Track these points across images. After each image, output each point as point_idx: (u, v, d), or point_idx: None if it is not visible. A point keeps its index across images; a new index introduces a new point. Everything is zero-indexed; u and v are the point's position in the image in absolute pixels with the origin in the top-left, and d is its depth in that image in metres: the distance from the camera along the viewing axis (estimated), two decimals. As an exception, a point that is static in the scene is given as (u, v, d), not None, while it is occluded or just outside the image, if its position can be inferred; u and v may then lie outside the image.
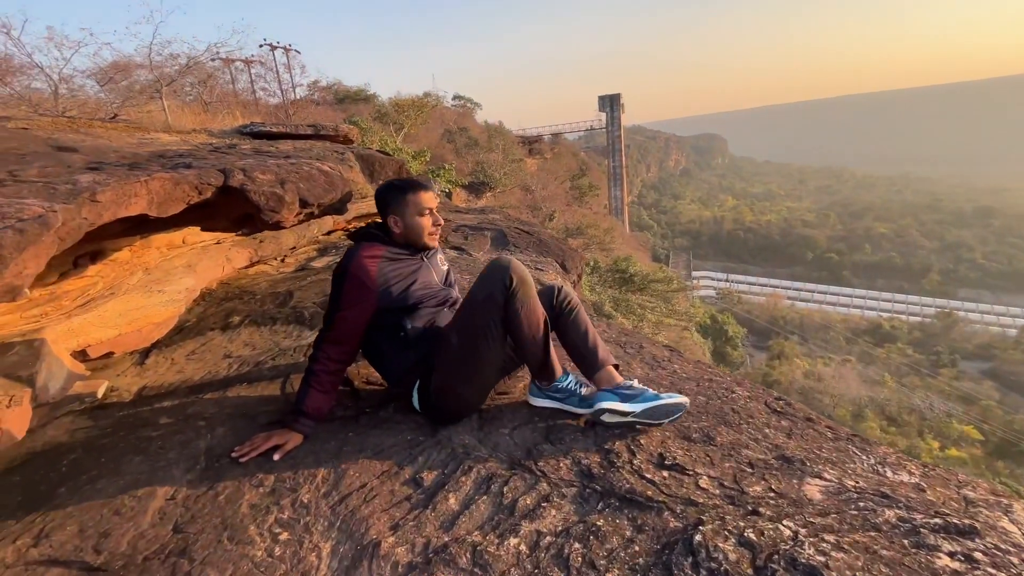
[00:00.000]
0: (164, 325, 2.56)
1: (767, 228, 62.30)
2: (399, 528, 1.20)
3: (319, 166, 2.01)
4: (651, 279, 16.44)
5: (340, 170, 2.12)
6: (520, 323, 1.55)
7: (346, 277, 1.62)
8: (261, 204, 1.68)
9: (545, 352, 1.61)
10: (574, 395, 1.67)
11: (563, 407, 1.68)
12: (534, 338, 1.58)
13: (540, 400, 1.72)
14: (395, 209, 1.70)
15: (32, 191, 1.07)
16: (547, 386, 1.68)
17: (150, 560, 1.14)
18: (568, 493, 1.28)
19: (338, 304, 1.64)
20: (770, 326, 38.65)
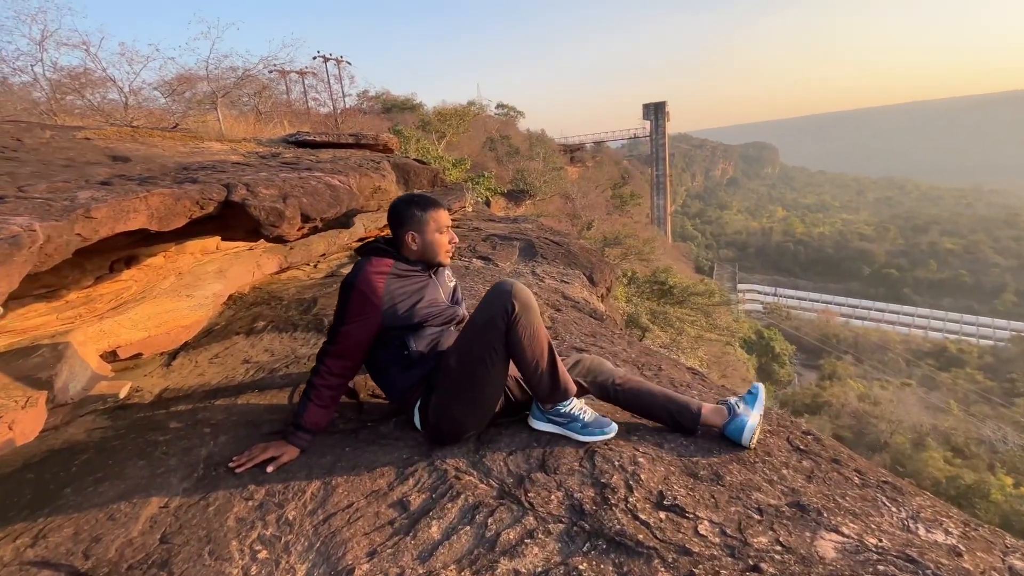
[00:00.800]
0: (191, 328, 2.66)
1: (820, 241, 59.22)
2: (376, 555, 1.17)
3: (328, 180, 2.04)
4: (691, 292, 15.91)
5: (350, 184, 2.14)
6: (523, 349, 1.50)
7: (352, 292, 1.61)
8: (261, 219, 1.72)
9: (552, 377, 1.55)
10: (576, 420, 1.60)
11: (564, 432, 1.61)
12: (538, 364, 1.53)
13: (541, 423, 1.66)
14: (414, 225, 1.69)
15: (29, 208, 1.12)
16: (549, 408, 1.62)
17: (133, 570, 1.15)
18: (555, 530, 1.21)
19: (343, 318, 1.63)
20: (821, 344, 36.59)
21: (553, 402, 1.60)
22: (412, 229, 1.69)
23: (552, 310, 3.39)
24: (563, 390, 1.58)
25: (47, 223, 1.11)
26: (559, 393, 1.57)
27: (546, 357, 1.54)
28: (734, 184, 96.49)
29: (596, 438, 1.58)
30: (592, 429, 1.59)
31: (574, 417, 1.60)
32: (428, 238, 1.70)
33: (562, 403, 1.60)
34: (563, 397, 1.58)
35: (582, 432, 1.58)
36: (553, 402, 1.60)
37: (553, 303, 3.58)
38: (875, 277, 51.40)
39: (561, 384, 1.57)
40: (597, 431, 1.58)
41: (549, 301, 3.62)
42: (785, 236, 61.81)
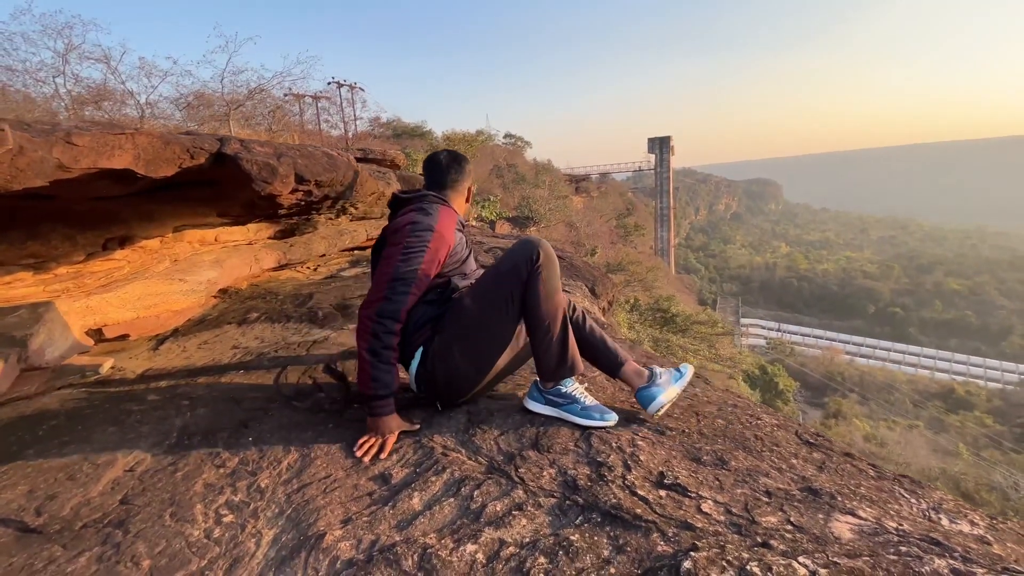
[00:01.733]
0: (182, 314, 2.60)
1: (823, 277, 59.10)
2: (350, 522, 1.07)
3: (325, 150, 2.02)
4: (694, 320, 15.78)
5: (349, 158, 2.12)
6: (539, 302, 1.44)
7: (433, 234, 1.45)
8: (253, 173, 1.68)
9: (562, 346, 1.49)
10: (576, 402, 1.52)
11: (562, 415, 1.52)
12: (550, 326, 1.46)
13: (538, 405, 1.57)
14: (467, 179, 1.69)
15: (13, 125, 1.08)
16: (550, 387, 1.53)
17: (87, 528, 1.06)
18: (545, 503, 1.12)
19: (420, 260, 1.43)
20: (826, 381, 36.01)
21: (556, 379, 1.52)
22: (468, 182, 1.69)
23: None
24: (570, 364, 1.51)
25: (20, 132, 1.07)
26: (565, 367, 1.50)
27: (559, 322, 1.48)
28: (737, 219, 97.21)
29: (595, 423, 1.49)
30: (591, 413, 1.50)
31: (574, 399, 1.52)
32: (469, 199, 1.72)
33: (564, 382, 1.52)
34: (569, 372, 1.51)
35: (581, 415, 1.50)
36: (556, 379, 1.52)
37: (553, 308, 3.51)
38: (880, 315, 51.01)
39: (569, 357, 1.51)
40: (596, 416, 1.50)
41: (549, 307, 3.55)
42: (789, 272, 61.77)
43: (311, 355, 2.19)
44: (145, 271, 2.48)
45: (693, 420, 1.65)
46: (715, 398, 1.97)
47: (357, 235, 4.66)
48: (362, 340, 1.41)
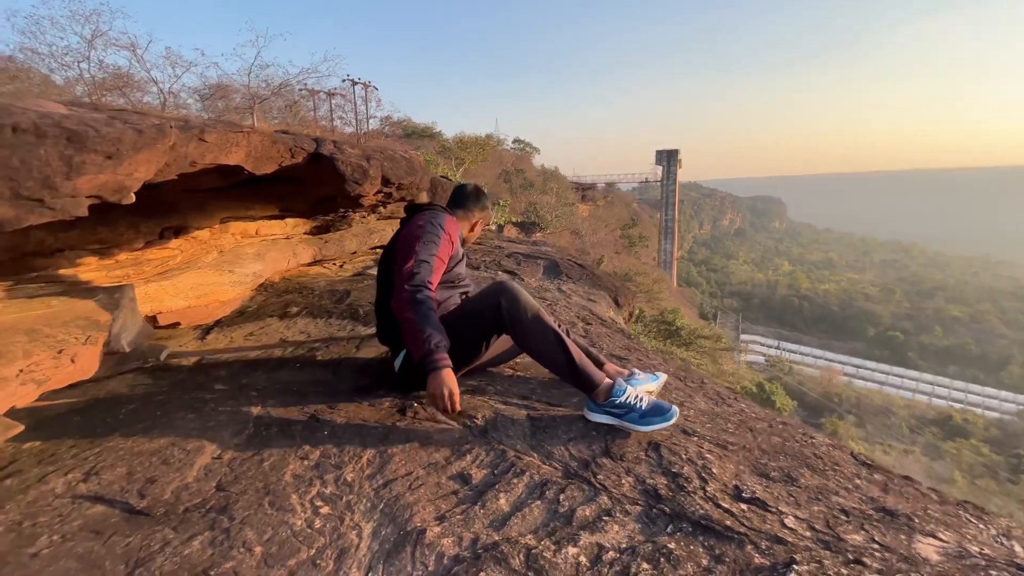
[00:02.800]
0: (229, 304, 2.64)
1: (824, 298, 59.14)
2: (445, 520, 1.11)
3: (402, 152, 2.06)
4: (698, 334, 15.80)
5: (423, 162, 2.16)
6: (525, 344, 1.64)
7: (444, 232, 1.71)
8: (347, 174, 1.73)
9: (568, 366, 1.58)
10: (633, 411, 1.54)
11: (621, 424, 1.55)
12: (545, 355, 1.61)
13: (597, 416, 1.59)
14: (478, 211, 1.97)
15: (154, 123, 1.12)
16: (603, 400, 1.56)
17: (191, 512, 1.09)
18: (632, 511, 1.15)
19: (434, 250, 1.67)
20: (824, 401, 35.96)
21: (589, 393, 1.58)
22: (481, 218, 2.00)
23: (583, 324, 3.36)
24: (587, 382, 1.56)
25: (175, 130, 1.11)
26: (586, 385, 1.57)
27: (555, 349, 1.59)
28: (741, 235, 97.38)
29: (655, 427, 1.51)
30: (651, 419, 1.52)
31: (630, 407, 1.54)
32: (470, 223, 1.98)
33: (615, 392, 1.55)
34: (590, 388, 1.57)
35: (640, 423, 1.52)
36: (589, 393, 1.58)
37: (583, 317, 3.54)
38: (879, 338, 51.02)
39: (584, 375, 1.56)
40: (656, 420, 1.52)
41: (579, 315, 3.58)
42: (790, 290, 61.82)
43: (362, 352, 2.23)
44: (196, 261, 2.51)
45: (749, 436, 1.68)
46: (762, 415, 2.00)
47: (385, 234, 4.70)
48: (406, 309, 1.55)
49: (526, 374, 2.09)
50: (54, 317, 1.45)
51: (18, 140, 0.85)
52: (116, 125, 0.99)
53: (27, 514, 1.06)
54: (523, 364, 2.20)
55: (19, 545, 0.97)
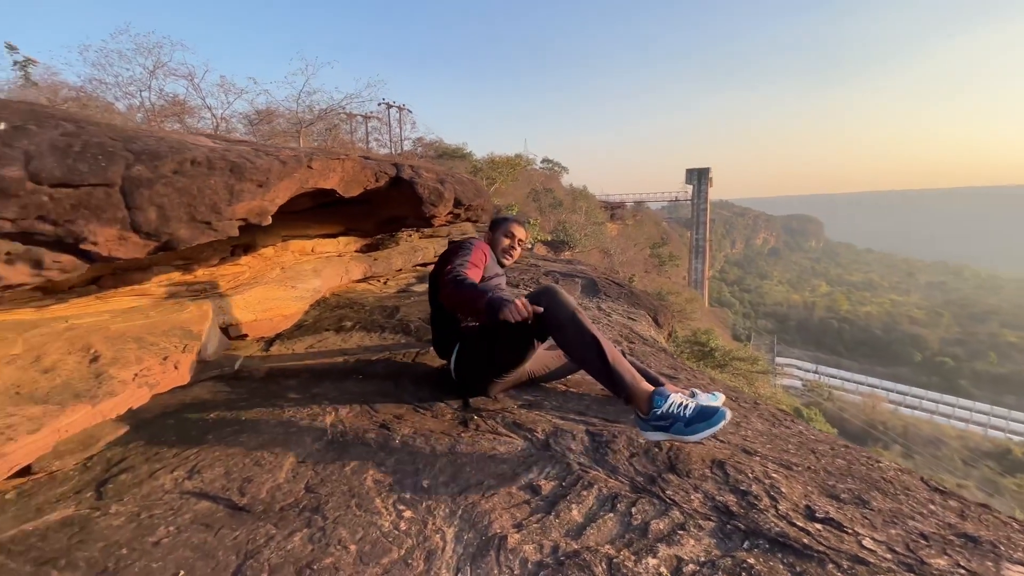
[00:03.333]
0: (290, 318, 2.78)
1: (866, 320, 56.67)
2: (523, 528, 1.15)
3: (469, 178, 2.17)
4: (734, 356, 15.38)
5: (483, 185, 2.26)
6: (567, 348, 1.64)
7: (474, 246, 1.97)
8: (424, 196, 1.84)
9: (604, 374, 1.56)
10: (678, 420, 1.47)
11: (672, 438, 1.49)
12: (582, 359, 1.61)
13: (648, 433, 1.54)
14: (499, 232, 2.22)
15: (271, 155, 1.25)
16: (646, 414, 1.51)
17: (286, 510, 1.17)
18: (706, 526, 1.16)
19: (467, 258, 1.90)
20: (868, 429, 34.16)
21: (622, 397, 1.55)
22: (499, 231, 2.22)
23: (627, 343, 3.37)
24: (619, 384, 1.54)
25: (296, 161, 1.24)
26: (618, 388, 1.54)
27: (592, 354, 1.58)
28: (775, 254, 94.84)
29: (704, 434, 1.44)
30: (697, 426, 1.44)
31: (676, 417, 1.47)
32: (497, 241, 2.20)
33: (655, 402, 1.50)
34: (622, 391, 1.54)
35: (688, 432, 1.45)
36: (622, 397, 1.55)
37: (626, 336, 3.55)
38: (927, 364, 48.34)
39: (615, 377, 1.54)
40: (702, 427, 1.44)
41: (621, 334, 3.59)
42: (828, 312, 59.55)
43: (418, 364, 2.31)
44: (262, 277, 2.67)
45: (812, 457, 1.67)
46: (823, 437, 1.97)
47: (427, 252, 4.84)
48: (457, 292, 1.70)
49: (579, 391, 2.12)
50: (154, 327, 1.59)
51: (195, 171, 0.97)
52: (264, 157, 1.11)
53: (143, 506, 1.16)
54: (575, 380, 2.24)
55: (141, 534, 1.06)
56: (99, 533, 1.06)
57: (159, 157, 0.96)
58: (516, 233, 2.23)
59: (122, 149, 0.93)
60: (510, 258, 2.24)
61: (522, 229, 2.26)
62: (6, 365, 1.24)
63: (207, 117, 11.52)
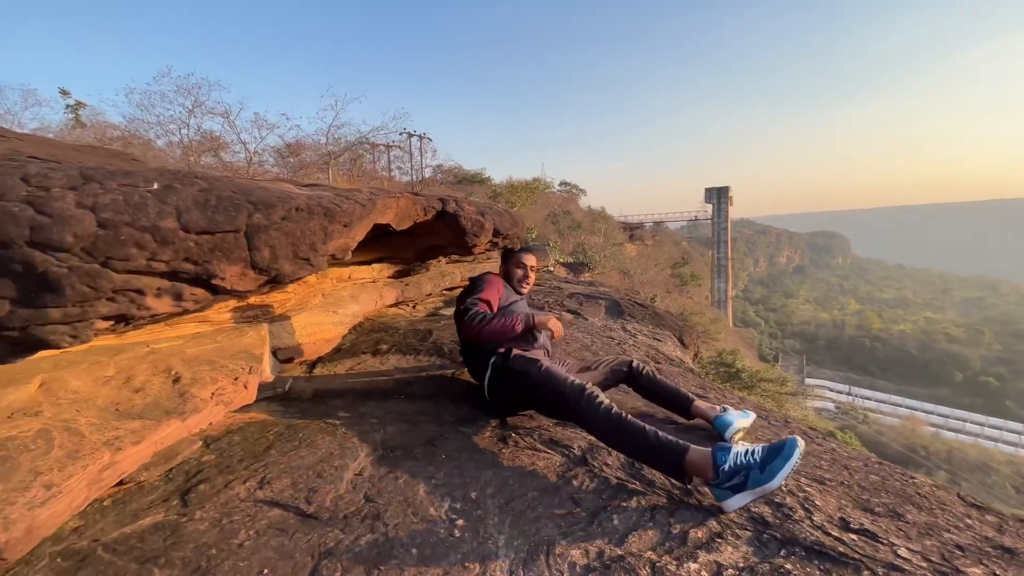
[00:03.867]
0: (330, 342, 2.93)
1: (900, 339, 54.63)
2: (569, 535, 1.23)
3: (505, 209, 2.32)
4: (761, 377, 15.04)
5: (517, 214, 2.41)
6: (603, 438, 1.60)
7: (487, 279, 2.17)
8: (468, 228, 1.98)
9: (643, 451, 1.46)
10: (752, 468, 1.32)
11: (757, 494, 1.31)
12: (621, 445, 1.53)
13: (730, 501, 1.32)
14: (510, 263, 2.38)
15: (348, 195, 1.41)
16: (714, 479, 1.34)
17: (350, 518, 1.28)
18: (743, 535, 1.23)
19: (480, 291, 2.08)
20: (908, 454, 32.56)
21: (695, 474, 1.39)
22: (509, 263, 2.37)
23: (654, 363, 3.42)
24: (681, 461, 1.39)
25: (371, 203, 1.39)
26: (678, 467, 1.40)
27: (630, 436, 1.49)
28: (801, 272, 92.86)
29: (785, 472, 1.30)
30: (774, 464, 1.30)
31: (748, 466, 1.32)
32: (511, 271, 2.35)
33: (718, 458, 1.35)
34: (683, 472, 1.40)
35: (766, 478, 1.29)
36: (695, 474, 1.39)
37: (653, 357, 3.60)
38: (969, 385, 46.14)
39: (668, 453, 1.41)
40: (779, 464, 1.30)
41: (648, 355, 3.65)
42: (860, 331, 57.68)
43: (454, 385, 2.42)
44: (306, 303, 2.84)
45: (845, 473, 1.70)
46: (856, 454, 1.99)
47: (454, 276, 5.00)
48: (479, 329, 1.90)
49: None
50: (223, 351, 1.74)
51: (298, 216, 1.13)
52: (347, 202, 1.28)
53: (223, 513, 1.28)
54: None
55: (225, 537, 1.18)
56: (189, 536, 1.18)
57: (271, 206, 1.12)
58: (527, 262, 2.36)
59: (244, 201, 1.09)
60: (526, 285, 2.37)
61: (532, 257, 2.39)
62: (103, 385, 1.40)
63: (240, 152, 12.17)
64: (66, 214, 0.88)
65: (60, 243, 0.87)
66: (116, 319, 1.03)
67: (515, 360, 1.88)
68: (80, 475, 1.09)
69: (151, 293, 1.02)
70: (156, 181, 1.00)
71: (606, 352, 3.42)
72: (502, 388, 1.96)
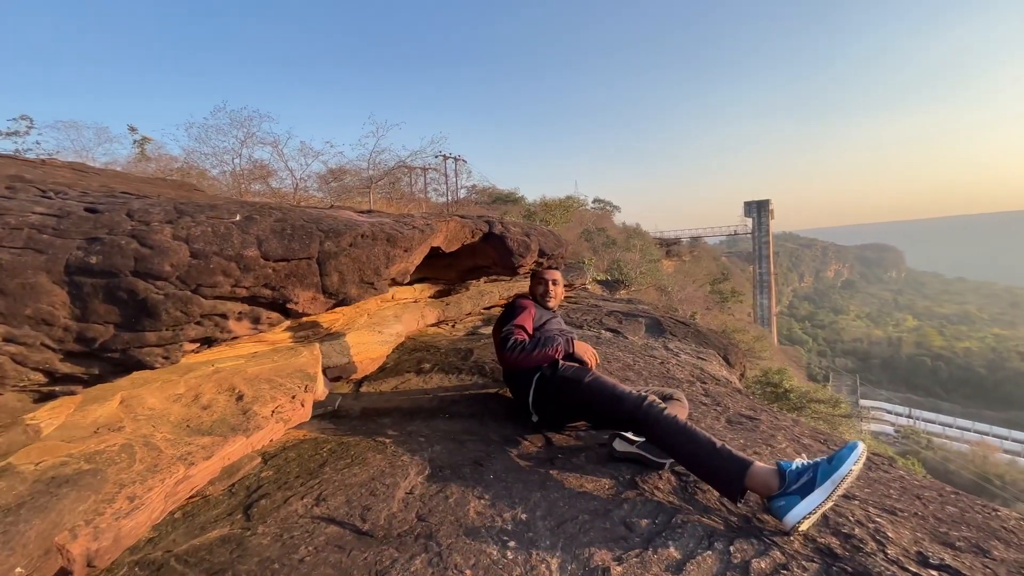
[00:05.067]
0: (375, 361, 3.00)
1: (965, 357, 50.80)
2: (623, 562, 1.20)
3: (550, 229, 2.35)
4: (811, 398, 14.26)
5: (562, 236, 2.44)
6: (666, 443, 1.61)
7: (516, 306, 2.24)
8: (514, 249, 2.02)
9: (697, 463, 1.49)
10: (821, 463, 1.33)
11: (831, 489, 1.28)
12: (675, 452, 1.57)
13: (800, 507, 1.29)
14: (537, 279, 2.47)
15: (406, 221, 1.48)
16: (781, 488, 1.33)
17: (404, 537, 1.30)
18: (810, 567, 1.16)
19: (515, 319, 2.15)
20: (981, 483, 29.96)
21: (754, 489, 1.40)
22: (544, 281, 2.45)
23: (700, 384, 3.32)
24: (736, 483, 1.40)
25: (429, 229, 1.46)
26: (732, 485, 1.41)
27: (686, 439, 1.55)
28: (850, 287, 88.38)
29: (853, 459, 1.30)
30: (841, 455, 1.31)
31: (813, 466, 1.33)
32: (536, 289, 2.46)
33: (784, 466, 1.36)
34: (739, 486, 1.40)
35: (836, 466, 1.30)
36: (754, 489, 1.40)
37: (699, 377, 3.50)
38: (1048, 407, 42.21)
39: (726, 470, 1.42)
40: (847, 454, 1.31)
41: (693, 375, 3.54)
42: (919, 348, 54.05)
43: (498, 404, 2.42)
44: (353, 323, 2.93)
45: (918, 503, 1.59)
46: (927, 483, 1.86)
47: (492, 295, 5.05)
48: (521, 356, 1.98)
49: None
50: (280, 370, 1.83)
51: (363, 243, 1.20)
52: (407, 228, 1.34)
53: (283, 528, 1.32)
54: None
55: (287, 552, 1.22)
56: (253, 550, 1.22)
57: (340, 233, 1.19)
58: (546, 277, 2.47)
59: (316, 229, 1.17)
60: (552, 299, 2.47)
61: (554, 272, 2.50)
62: (174, 403, 1.49)
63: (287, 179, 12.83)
64: (164, 246, 0.96)
65: (159, 272, 0.96)
66: (201, 341, 1.11)
67: (565, 369, 1.95)
68: (159, 488, 1.16)
69: (233, 317, 1.10)
70: (238, 213, 1.08)
71: (650, 374, 3.35)
72: (550, 400, 1.99)
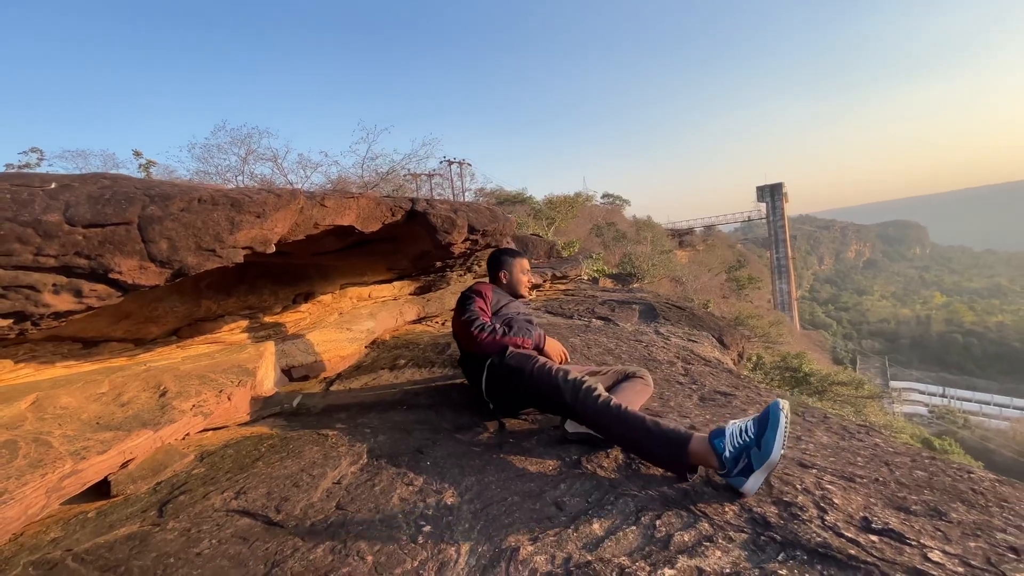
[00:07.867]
0: (347, 359, 2.96)
1: (999, 332, 48.93)
2: (539, 540, 1.12)
3: (488, 206, 2.28)
4: (833, 381, 13.85)
5: (504, 212, 2.36)
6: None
7: (472, 293, 2.14)
8: (437, 226, 1.95)
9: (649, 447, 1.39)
10: (750, 446, 1.24)
11: (764, 471, 1.23)
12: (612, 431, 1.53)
13: (748, 484, 1.24)
14: (507, 267, 2.36)
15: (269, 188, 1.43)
16: (723, 471, 1.28)
17: (316, 525, 1.24)
18: (737, 538, 1.07)
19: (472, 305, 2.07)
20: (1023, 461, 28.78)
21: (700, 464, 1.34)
22: (505, 269, 2.35)
23: (682, 363, 3.20)
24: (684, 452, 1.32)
25: (303, 197, 1.40)
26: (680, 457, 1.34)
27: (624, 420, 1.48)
28: (873, 266, 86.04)
29: (779, 441, 1.20)
30: (766, 437, 1.21)
31: (745, 447, 1.24)
32: (514, 276, 2.35)
33: (719, 449, 1.27)
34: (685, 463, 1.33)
35: (765, 453, 1.20)
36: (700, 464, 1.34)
37: (683, 357, 3.38)
38: (1092, 379, 40.38)
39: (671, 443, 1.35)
40: (770, 435, 1.21)
41: (678, 356, 3.43)
42: (949, 325, 52.26)
43: (460, 393, 2.36)
44: (321, 322, 2.90)
45: (884, 469, 1.47)
46: (904, 450, 1.74)
47: (480, 291, 4.99)
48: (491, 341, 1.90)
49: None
50: (217, 366, 1.79)
51: (199, 207, 1.15)
52: (262, 193, 1.29)
53: (194, 523, 1.28)
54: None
55: (187, 545, 1.17)
56: (154, 545, 1.18)
57: (169, 198, 1.14)
58: (528, 268, 2.41)
59: (140, 195, 1.12)
60: (529, 286, 2.44)
61: (525, 260, 2.45)
62: (94, 402, 1.46)
63: (290, 192, 13.03)
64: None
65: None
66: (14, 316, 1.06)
67: (511, 357, 1.88)
68: (37, 483, 1.12)
69: (47, 290, 1.04)
70: (55, 182, 1.04)
71: (630, 357, 3.25)
72: (500, 388, 1.92)
